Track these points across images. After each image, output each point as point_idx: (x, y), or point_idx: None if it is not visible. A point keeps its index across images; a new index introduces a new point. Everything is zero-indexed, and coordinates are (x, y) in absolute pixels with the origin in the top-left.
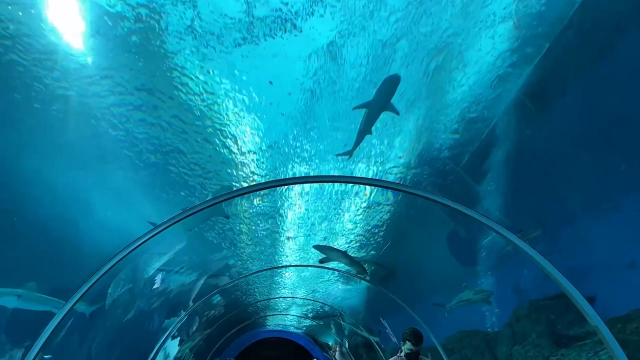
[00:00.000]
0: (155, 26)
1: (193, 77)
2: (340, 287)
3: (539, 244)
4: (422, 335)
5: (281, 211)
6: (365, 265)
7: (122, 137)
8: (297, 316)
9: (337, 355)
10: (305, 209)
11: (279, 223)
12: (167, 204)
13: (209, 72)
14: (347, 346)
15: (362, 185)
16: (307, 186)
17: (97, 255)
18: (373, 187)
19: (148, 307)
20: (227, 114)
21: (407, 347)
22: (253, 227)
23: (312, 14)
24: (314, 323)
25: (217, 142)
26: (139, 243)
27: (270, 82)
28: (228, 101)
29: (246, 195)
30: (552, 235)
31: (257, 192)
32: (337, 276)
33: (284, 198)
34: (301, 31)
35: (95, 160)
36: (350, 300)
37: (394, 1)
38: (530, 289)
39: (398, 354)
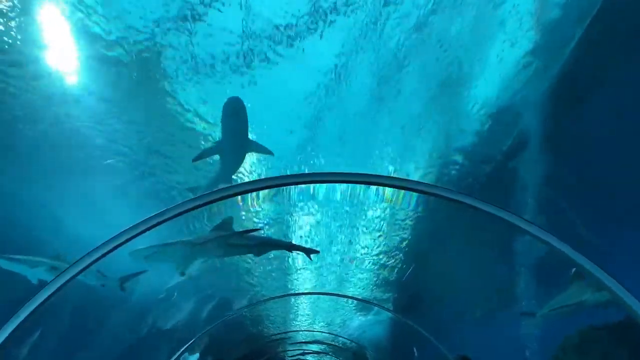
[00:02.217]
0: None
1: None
2: (359, 317)
3: None
4: None
5: (289, 228)
6: None
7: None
8: (317, 352)
9: None
10: (317, 223)
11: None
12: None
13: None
14: None
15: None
16: (317, 199)
17: None
18: (395, 189)
19: (144, 339)
20: None
21: None
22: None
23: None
24: (335, 359)
25: None
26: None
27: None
28: None
29: (246, 194)
30: (601, 247)
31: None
32: (354, 305)
33: (292, 212)
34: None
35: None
36: (371, 333)
37: None
38: (583, 315)
39: None
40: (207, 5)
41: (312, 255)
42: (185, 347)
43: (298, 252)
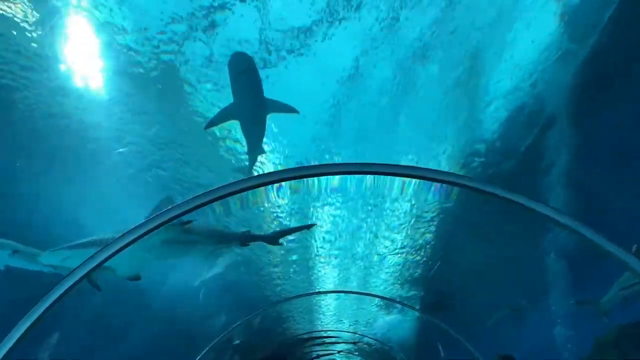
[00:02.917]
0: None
1: None
2: (384, 317)
3: None
4: None
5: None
6: None
7: None
8: (344, 352)
9: None
10: (338, 219)
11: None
12: None
13: None
14: None
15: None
16: (340, 192)
17: None
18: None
19: (163, 339)
20: None
21: None
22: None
23: None
24: None
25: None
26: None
27: None
28: None
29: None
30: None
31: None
32: (378, 304)
33: (312, 207)
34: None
35: None
36: (397, 333)
37: None
38: (619, 311)
39: None
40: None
41: (281, 240)
42: (209, 346)
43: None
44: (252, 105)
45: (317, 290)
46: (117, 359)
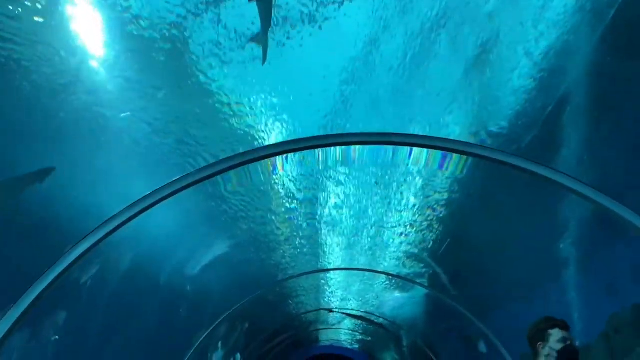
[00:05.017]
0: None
1: None
2: (392, 295)
3: None
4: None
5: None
6: None
7: None
8: (350, 330)
9: None
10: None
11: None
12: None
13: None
14: None
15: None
16: (346, 164)
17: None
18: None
19: (167, 316)
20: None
21: (554, 340)
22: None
23: None
24: (370, 339)
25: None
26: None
27: None
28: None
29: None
30: None
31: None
32: (387, 281)
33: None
34: None
35: None
36: (405, 311)
37: None
38: (634, 290)
39: None
40: None
41: None
42: (213, 325)
43: None
44: None
45: (322, 268)
46: (122, 337)
